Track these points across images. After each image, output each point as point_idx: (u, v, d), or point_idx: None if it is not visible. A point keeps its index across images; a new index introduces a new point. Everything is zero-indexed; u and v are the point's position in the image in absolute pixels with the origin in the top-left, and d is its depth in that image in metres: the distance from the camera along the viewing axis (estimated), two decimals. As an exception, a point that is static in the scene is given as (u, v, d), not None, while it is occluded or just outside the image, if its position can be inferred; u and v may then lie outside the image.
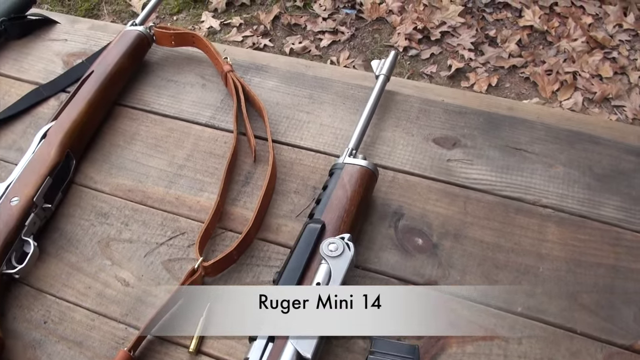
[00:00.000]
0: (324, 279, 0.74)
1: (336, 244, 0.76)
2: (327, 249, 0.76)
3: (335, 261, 0.75)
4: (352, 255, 0.76)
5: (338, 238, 0.77)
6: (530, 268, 0.83)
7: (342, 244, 0.76)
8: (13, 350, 0.82)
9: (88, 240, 0.91)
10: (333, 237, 0.77)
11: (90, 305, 0.85)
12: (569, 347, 0.76)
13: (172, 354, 0.80)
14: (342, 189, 0.83)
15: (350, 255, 0.76)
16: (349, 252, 0.76)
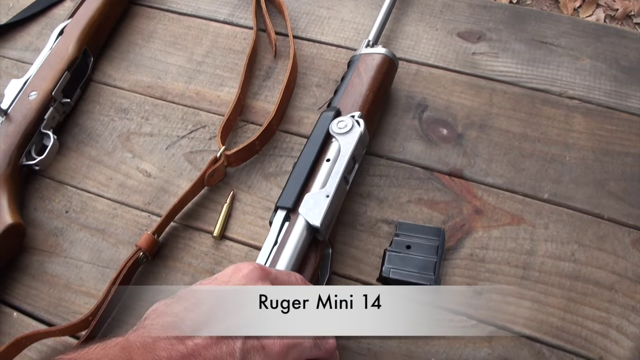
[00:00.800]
0: (334, 155, 0.73)
1: (345, 121, 0.75)
2: (336, 127, 0.74)
3: (344, 137, 0.74)
4: (362, 130, 0.74)
5: (348, 116, 0.75)
6: (556, 157, 0.81)
7: (352, 121, 0.74)
8: (35, 238, 0.81)
9: (108, 135, 0.89)
10: (343, 117, 0.75)
11: (112, 195, 0.83)
12: (596, 231, 0.75)
13: (196, 239, 0.78)
14: (358, 77, 0.81)
15: (359, 131, 0.74)
16: (358, 127, 0.74)
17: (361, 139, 0.74)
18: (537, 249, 0.74)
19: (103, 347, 0.46)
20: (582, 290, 0.71)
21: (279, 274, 0.57)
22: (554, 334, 0.69)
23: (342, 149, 0.73)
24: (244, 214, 0.80)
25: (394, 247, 0.73)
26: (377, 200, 0.79)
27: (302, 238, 0.67)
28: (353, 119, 0.75)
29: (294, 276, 0.59)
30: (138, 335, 0.48)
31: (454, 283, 0.72)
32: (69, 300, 0.75)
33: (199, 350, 0.47)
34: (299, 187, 0.71)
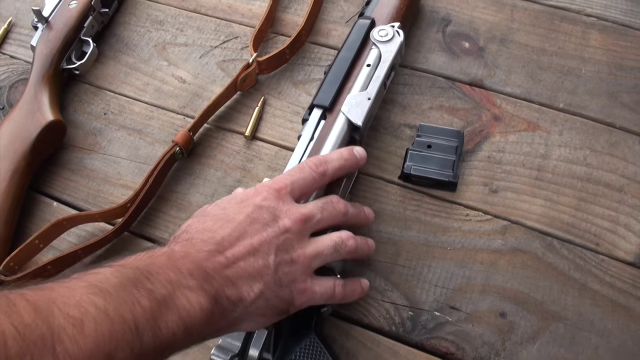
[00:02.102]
0: (375, 61, 0.74)
1: (386, 30, 0.76)
2: (377, 34, 0.76)
3: (385, 45, 0.75)
4: (402, 40, 0.75)
5: (388, 25, 0.76)
6: (572, 70, 0.82)
7: (393, 30, 0.76)
8: (74, 137, 0.84)
9: (145, 44, 0.91)
10: (383, 25, 0.76)
11: (148, 99, 0.86)
12: (608, 138, 0.77)
13: (228, 139, 0.81)
14: (392, -11, 0.82)
15: (399, 40, 0.75)
16: (398, 37, 0.76)
17: (400, 48, 0.76)
18: (551, 153, 0.76)
19: (150, 256, 0.48)
20: (592, 191, 0.73)
21: (292, 179, 0.59)
22: (564, 229, 0.71)
23: (384, 56, 0.75)
24: (274, 117, 0.82)
25: (415, 147, 0.76)
26: (401, 106, 0.81)
27: (342, 135, 0.70)
28: (393, 28, 0.76)
29: (307, 168, 0.60)
30: (181, 247, 0.50)
31: (472, 182, 0.75)
32: (107, 192, 0.79)
33: (237, 261, 0.51)
34: (337, 88, 0.73)
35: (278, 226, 0.54)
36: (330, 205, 0.59)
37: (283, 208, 0.56)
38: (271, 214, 0.55)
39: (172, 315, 0.44)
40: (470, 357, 0.64)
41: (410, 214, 0.73)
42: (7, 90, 0.88)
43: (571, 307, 0.66)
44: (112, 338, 0.40)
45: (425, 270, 0.69)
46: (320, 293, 0.57)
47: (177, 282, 0.46)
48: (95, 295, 0.41)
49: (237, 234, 0.52)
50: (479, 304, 0.67)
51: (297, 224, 0.55)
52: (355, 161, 0.64)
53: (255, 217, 0.54)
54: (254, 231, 0.53)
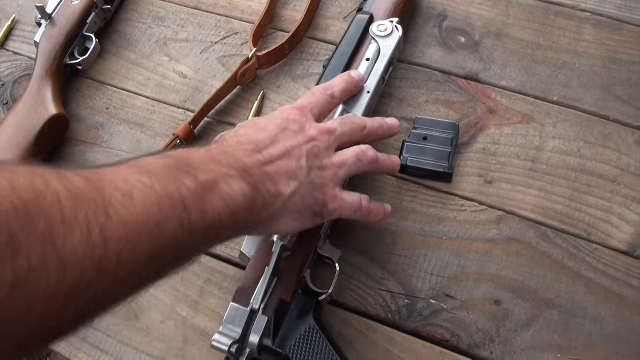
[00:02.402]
0: (374, 55, 0.75)
1: (385, 25, 0.77)
2: (377, 29, 0.77)
3: (384, 40, 0.76)
4: (401, 35, 0.76)
5: (387, 21, 0.77)
6: (567, 64, 0.83)
7: (392, 25, 0.77)
8: (77, 131, 0.85)
9: (146, 40, 0.92)
10: (382, 20, 0.77)
11: (150, 94, 0.87)
12: (601, 130, 0.77)
13: (228, 132, 0.81)
14: (390, -15, 0.83)
15: (398, 36, 0.76)
16: (397, 32, 0.77)
17: (399, 43, 0.77)
18: (545, 145, 0.77)
19: (188, 151, 0.50)
20: (586, 182, 0.74)
21: (310, 101, 0.63)
22: (558, 219, 0.72)
23: (383, 51, 0.76)
24: (273, 110, 0.82)
25: (411, 139, 0.77)
26: (398, 100, 0.82)
27: None
28: (392, 23, 0.78)
29: (318, 94, 0.65)
30: (218, 146, 0.54)
31: (467, 174, 0.76)
32: (111, 185, 0.79)
33: (274, 160, 0.54)
34: None
35: (306, 134, 0.57)
36: (349, 120, 0.63)
37: (309, 122, 0.59)
38: (299, 125, 0.58)
39: (217, 198, 0.46)
40: (465, 344, 0.65)
41: (406, 205, 0.74)
42: (10, 85, 0.89)
43: (565, 294, 0.67)
44: (161, 210, 0.41)
45: (421, 259, 0.70)
46: (349, 202, 0.60)
47: (218, 171, 0.48)
48: (141, 174, 0.42)
49: (270, 138, 0.55)
50: (474, 292, 0.68)
51: (323, 134, 0.59)
52: (356, 82, 0.69)
53: (285, 127, 0.57)
54: (286, 137, 0.56)
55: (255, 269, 0.64)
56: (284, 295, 0.63)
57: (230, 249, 0.72)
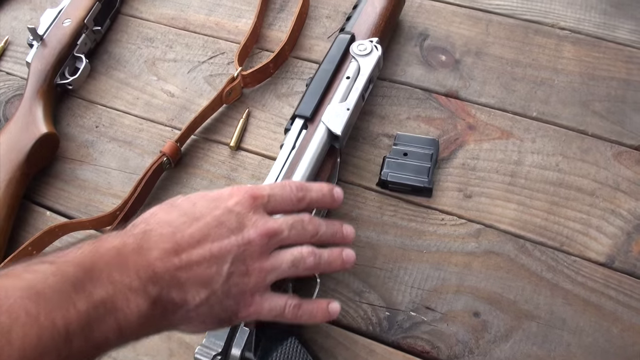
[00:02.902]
0: (354, 74, 0.76)
1: (365, 44, 0.78)
2: (357, 49, 0.78)
3: (364, 59, 0.77)
4: (380, 55, 0.78)
5: (367, 40, 0.79)
6: (546, 80, 0.84)
7: (371, 45, 0.78)
8: (67, 149, 0.86)
9: (135, 61, 0.94)
10: (362, 40, 0.79)
11: (138, 112, 0.88)
12: (580, 145, 0.78)
13: (214, 149, 0.83)
14: (372, 6, 0.85)
15: (377, 55, 0.78)
16: (376, 51, 0.78)
17: (378, 62, 0.78)
18: (524, 160, 0.78)
19: (97, 250, 0.46)
20: (564, 195, 0.75)
21: (272, 192, 0.57)
22: (537, 232, 0.73)
23: (362, 69, 0.77)
24: (258, 128, 0.84)
25: (392, 155, 0.78)
26: (379, 117, 0.83)
27: (322, 143, 0.71)
28: (372, 43, 0.79)
29: (288, 188, 0.58)
30: (136, 239, 0.48)
31: (447, 188, 0.76)
32: (98, 201, 0.80)
33: (192, 265, 0.49)
34: (317, 99, 0.75)
35: (242, 236, 0.52)
36: (300, 225, 0.56)
37: (252, 218, 0.53)
38: (239, 221, 0.53)
39: (108, 318, 0.43)
40: (445, 356, 0.66)
41: (387, 219, 0.75)
42: (3, 105, 0.90)
43: (543, 306, 0.68)
44: (39, 345, 0.39)
45: (401, 272, 0.71)
46: (268, 309, 0.54)
47: (120, 282, 0.45)
48: (29, 299, 0.40)
49: (199, 235, 0.50)
50: (453, 304, 0.68)
51: (262, 237, 0.53)
52: (331, 200, 0.61)
53: (222, 221, 0.52)
54: (217, 236, 0.51)
55: (237, 282, 0.64)
56: (265, 308, 0.63)
57: (215, 264, 0.73)
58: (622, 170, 0.76)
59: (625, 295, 0.68)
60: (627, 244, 0.71)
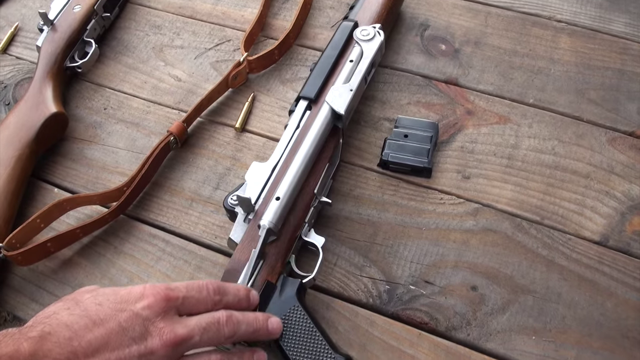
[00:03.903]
0: (357, 57, 0.78)
1: (368, 30, 0.80)
2: (360, 34, 0.80)
3: (367, 44, 0.79)
4: (382, 40, 0.79)
5: (370, 26, 0.80)
6: (542, 69, 0.86)
7: (374, 30, 0.80)
8: (76, 129, 0.87)
9: (143, 47, 0.95)
10: (366, 26, 0.81)
11: (146, 95, 0.89)
12: (575, 130, 0.80)
13: (219, 131, 0.84)
14: (375, -5, 0.86)
15: (380, 40, 0.79)
16: (379, 37, 0.80)
17: (380, 47, 0.80)
18: (521, 144, 0.79)
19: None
20: (560, 178, 0.76)
21: (187, 294, 0.54)
22: (533, 211, 0.74)
23: (365, 53, 0.79)
24: (263, 111, 0.86)
25: (393, 137, 0.79)
26: (381, 102, 0.85)
27: (325, 122, 0.73)
28: (375, 29, 0.81)
29: (205, 290, 0.55)
30: (30, 345, 0.45)
31: (446, 170, 0.78)
32: (106, 179, 0.81)
33: None
34: (322, 81, 0.77)
35: (145, 345, 0.49)
36: (215, 327, 0.53)
37: (159, 324, 0.50)
38: (144, 328, 0.49)
39: None
40: (443, 327, 0.67)
41: (388, 198, 0.76)
42: (12, 87, 0.92)
43: (539, 281, 0.69)
44: None
45: (401, 248, 0.72)
46: None
47: None
48: None
49: (97, 343, 0.47)
50: (451, 279, 0.70)
51: (167, 347, 0.50)
52: (247, 303, 0.58)
53: (125, 327, 0.48)
54: (117, 344, 0.48)
55: (243, 252, 0.65)
56: (270, 277, 0.64)
57: (220, 239, 0.74)
58: (616, 155, 0.77)
59: (619, 272, 0.69)
60: (621, 224, 0.72)
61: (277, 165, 0.70)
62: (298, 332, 0.61)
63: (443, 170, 0.77)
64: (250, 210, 0.67)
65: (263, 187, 0.68)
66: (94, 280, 0.71)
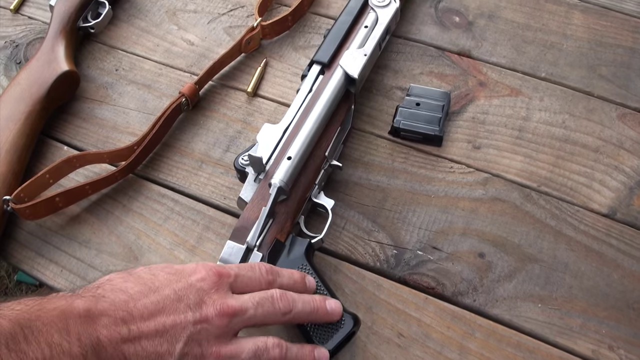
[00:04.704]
0: (372, 23, 0.77)
1: (384, -4, 0.78)
2: (376, 0, 0.78)
3: (382, 10, 0.78)
4: (398, 6, 0.78)
5: (387, -7, 0.79)
6: (555, 44, 0.84)
7: (391, -3, 0.78)
8: (87, 89, 0.85)
9: (157, 10, 0.93)
10: (382, -6, 0.79)
11: (158, 58, 0.88)
12: (586, 105, 0.79)
13: (231, 95, 0.83)
14: (390, -35, 0.84)
15: (395, 7, 0.78)
16: (394, 3, 0.78)
17: (396, 14, 0.79)
18: (532, 116, 0.78)
19: (41, 306, 0.42)
20: (570, 151, 0.75)
21: (240, 272, 0.52)
22: (542, 182, 0.73)
23: (380, 19, 0.77)
24: (275, 77, 0.84)
25: (405, 104, 0.78)
26: (393, 71, 0.83)
27: (338, 86, 0.71)
28: None
29: (258, 270, 0.54)
30: (84, 302, 0.44)
31: (457, 139, 0.77)
32: (116, 139, 0.80)
33: (140, 338, 0.44)
34: (336, 46, 0.75)
35: (200, 313, 0.47)
36: (269, 302, 0.51)
37: (213, 296, 0.49)
38: (199, 297, 0.48)
39: None
40: (449, 292, 0.66)
41: (398, 165, 0.75)
42: (24, 47, 0.90)
43: (547, 250, 0.68)
44: None
45: (410, 214, 0.71)
46: None
47: (59, 345, 0.40)
48: None
49: (153, 307, 0.46)
50: (459, 245, 0.69)
51: (221, 317, 0.48)
52: (303, 287, 0.56)
53: (180, 295, 0.47)
54: (173, 310, 0.46)
55: (252, 211, 0.64)
56: (279, 236, 0.63)
57: (229, 200, 0.73)
58: (626, 130, 0.76)
59: (626, 245, 0.68)
60: (629, 198, 0.71)
61: (289, 126, 0.69)
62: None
63: (454, 139, 0.76)
64: (261, 170, 0.65)
65: (275, 148, 0.67)
66: (102, 237, 0.70)
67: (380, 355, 0.61)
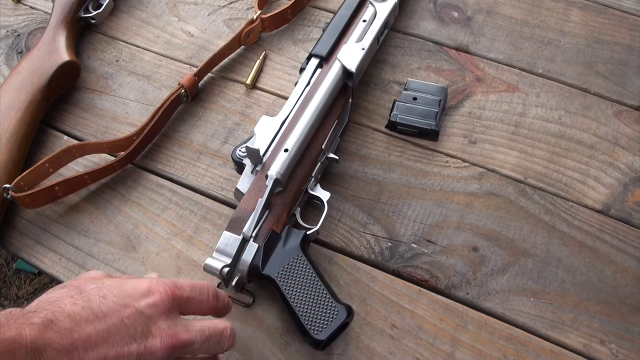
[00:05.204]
0: (370, 17, 0.76)
1: (383, -10, 0.78)
2: (375, -7, 0.78)
3: (381, 5, 0.77)
4: (396, 1, 0.78)
5: (385, -13, 0.78)
6: (552, 41, 0.84)
7: (389, -8, 0.78)
8: (87, 80, 0.85)
9: (157, 2, 0.93)
10: (381, -13, 0.79)
11: (158, 49, 0.88)
12: (582, 102, 0.79)
13: (230, 87, 0.83)
14: (389, -40, 0.84)
15: (394, 1, 0.78)
16: (392, -1, 0.78)
17: (394, 8, 0.78)
18: (528, 112, 0.78)
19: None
20: (565, 147, 0.75)
21: (191, 294, 0.52)
22: (537, 178, 0.73)
23: (379, 13, 0.77)
24: (274, 70, 0.84)
25: (402, 99, 0.78)
26: (391, 65, 0.83)
27: (336, 79, 0.71)
28: None
29: (206, 293, 0.54)
30: (33, 332, 0.43)
31: (453, 134, 0.76)
32: (115, 129, 0.80)
33: None
34: (334, 40, 0.75)
35: (145, 345, 0.47)
36: (217, 339, 0.52)
37: (162, 325, 0.48)
38: (146, 326, 0.47)
39: None
40: (443, 285, 0.66)
41: (394, 159, 0.75)
42: (25, 36, 0.90)
43: (540, 245, 0.68)
44: None
45: (405, 208, 0.71)
46: None
47: None
48: None
49: (97, 337, 0.45)
50: (453, 239, 0.68)
51: (166, 349, 0.48)
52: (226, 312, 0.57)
53: (127, 325, 0.46)
54: (117, 341, 0.46)
55: (249, 202, 0.64)
56: (275, 227, 0.63)
57: (227, 191, 0.73)
58: (621, 127, 0.76)
59: (620, 241, 0.68)
60: (623, 194, 0.71)
61: (286, 119, 0.68)
62: (300, 281, 0.60)
63: (450, 134, 0.75)
64: (258, 161, 0.65)
65: (272, 140, 0.67)
66: (100, 226, 0.70)
67: (373, 346, 0.61)
